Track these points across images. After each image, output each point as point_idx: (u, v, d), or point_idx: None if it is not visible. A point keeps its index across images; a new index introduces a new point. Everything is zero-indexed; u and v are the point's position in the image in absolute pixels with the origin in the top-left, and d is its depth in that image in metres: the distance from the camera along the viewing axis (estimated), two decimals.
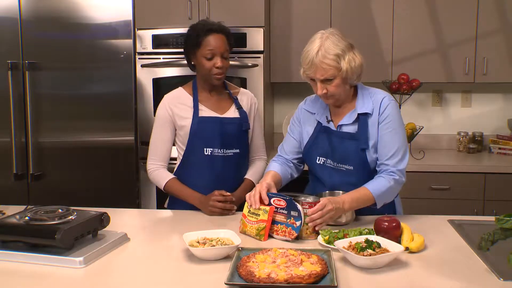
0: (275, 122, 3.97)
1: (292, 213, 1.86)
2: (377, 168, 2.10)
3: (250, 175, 2.42)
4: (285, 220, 1.87)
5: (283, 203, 1.89)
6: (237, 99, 2.41)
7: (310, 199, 1.93)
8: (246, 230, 1.93)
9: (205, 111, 2.33)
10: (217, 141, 2.30)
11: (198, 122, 2.30)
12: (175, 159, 2.43)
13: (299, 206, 1.85)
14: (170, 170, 2.39)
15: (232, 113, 2.37)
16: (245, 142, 2.41)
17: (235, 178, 2.38)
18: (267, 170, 2.21)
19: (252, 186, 2.39)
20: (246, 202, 1.98)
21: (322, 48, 1.96)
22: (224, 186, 2.26)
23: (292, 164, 2.26)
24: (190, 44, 2.30)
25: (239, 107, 2.39)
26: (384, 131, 2.06)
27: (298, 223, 1.84)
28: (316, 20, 3.55)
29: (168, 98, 2.38)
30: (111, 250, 1.78)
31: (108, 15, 3.33)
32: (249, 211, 1.95)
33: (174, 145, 2.41)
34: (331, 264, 1.56)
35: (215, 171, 2.31)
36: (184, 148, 2.34)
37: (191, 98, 2.35)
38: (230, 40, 2.31)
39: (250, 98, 2.46)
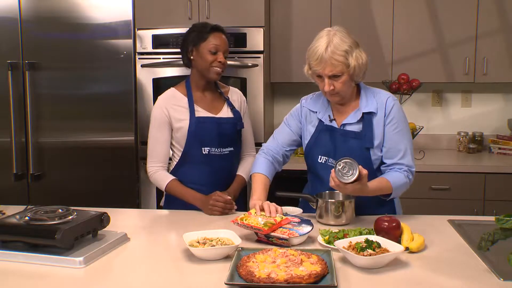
0: (275, 122, 3.97)
1: (304, 224, 1.86)
2: (383, 168, 2.11)
3: (241, 171, 2.48)
4: (291, 227, 1.86)
5: (297, 220, 1.90)
6: (229, 98, 2.47)
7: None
8: (247, 219, 1.86)
9: (201, 112, 2.38)
10: (215, 141, 2.36)
11: (195, 123, 2.34)
12: (170, 158, 2.46)
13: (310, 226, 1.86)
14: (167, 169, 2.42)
15: (226, 112, 2.43)
16: (238, 141, 2.49)
17: (230, 174, 2.45)
18: (256, 171, 2.17)
19: (243, 181, 2.46)
20: (253, 209, 1.96)
21: (331, 44, 1.97)
22: (220, 182, 2.35)
23: (281, 159, 2.26)
24: (193, 37, 2.35)
25: (232, 107, 2.45)
26: (392, 132, 2.08)
27: (307, 229, 1.83)
28: (316, 20, 3.55)
29: (164, 99, 2.40)
30: (111, 250, 1.78)
31: (108, 15, 3.33)
32: (256, 213, 1.92)
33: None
34: (331, 264, 1.56)
35: (212, 168, 2.37)
36: (181, 148, 2.38)
37: (185, 98, 2.39)
38: (229, 43, 2.41)
39: (239, 96, 2.53)
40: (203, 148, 2.35)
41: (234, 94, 2.52)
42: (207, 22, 2.42)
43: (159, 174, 2.37)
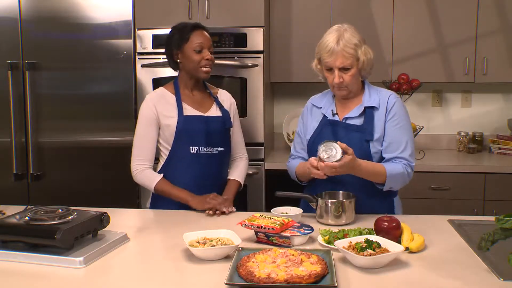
0: (275, 122, 3.97)
1: (304, 227, 1.86)
2: (382, 163, 2.12)
3: (235, 175, 2.46)
4: (292, 229, 1.85)
5: (297, 224, 1.89)
6: (217, 98, 2.46)
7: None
8: (256, 221, 1.85)
9: (189, 110, 2.37)
10: (203, 140, 2.35)
11: (183, 121, 2.33)
12: (157, 158, 2.44)
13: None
14: (153, 169, 2.39)
15: (214, 111, 2.42)
16: (228, 141, 2.46)
17: (219, 175, 2.43)
18: (292, 166, 2.27)
19: (238, 185, 2.44)
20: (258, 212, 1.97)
21: (342, 38, 2.07)
22: (208, 182, 2.34)
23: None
24: (176, 40, 2.35)
25: (220, 106, 2.44)
26: (393, 127, 2.13)
27: (308, 230, 1.83)
28: (316, 20, 3.55)
29: (152, 97, 2.39)
30: (111, 250, 1.78)
31: (108, 15, 3.33)
32: (261, 215, 1.92)
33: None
34: (331, 264, 1.56)
35: (200, 168, 2.35)
36: (169, 147, 2.36)
37: (174, 97, 2.38)
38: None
39: (229, 97, 2.53)
40: (191, 147, 2.33)
41: (224, 94, 2.52)
42: (186, 22, 2.41)
43: (145, 173, 2.34)
